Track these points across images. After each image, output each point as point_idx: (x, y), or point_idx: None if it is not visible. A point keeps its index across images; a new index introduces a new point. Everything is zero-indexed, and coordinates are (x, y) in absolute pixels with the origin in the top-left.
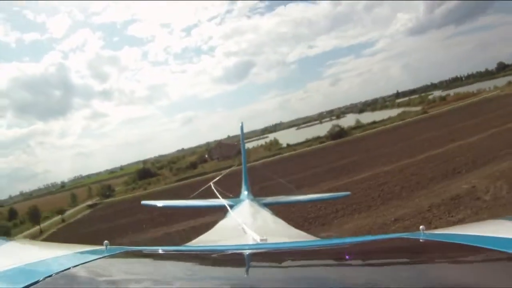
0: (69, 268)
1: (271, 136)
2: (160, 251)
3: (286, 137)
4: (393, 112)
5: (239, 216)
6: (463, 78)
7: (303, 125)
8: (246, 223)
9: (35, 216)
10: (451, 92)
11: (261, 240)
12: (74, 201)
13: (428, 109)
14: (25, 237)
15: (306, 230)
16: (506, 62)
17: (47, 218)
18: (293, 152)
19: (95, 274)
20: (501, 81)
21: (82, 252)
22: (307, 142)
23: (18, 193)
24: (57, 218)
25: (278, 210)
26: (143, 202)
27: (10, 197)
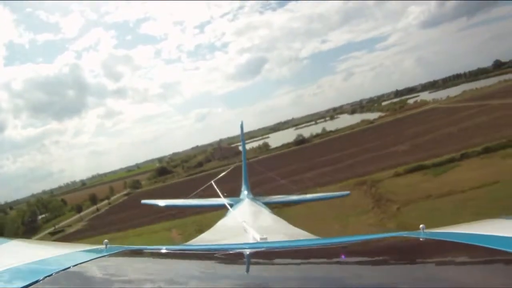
0: (69, 267)
1: (273, 136)
2: (160, 250)
3: (282, 139)
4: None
5: (239, 215)
6: (466, 75)
7: (301, 125)
8: (246, 222)
9: (93, 201)
10: (434, 95)
11: (261, 239)
12: (111, 192)
13: (381, 118)
14: (88, 212)
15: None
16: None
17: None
18: (265, 155)
19: (95, 273)
20: (488, 81)
21: (82, 251)
22: (282, 146)
23: (40, 191)
24: (105, 202)
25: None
26: (143, 201)
27: (33, 195)
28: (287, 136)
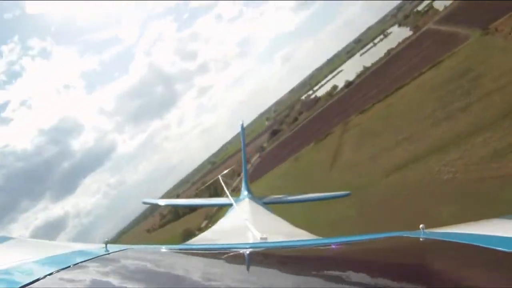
0: (69, 266)
1: (345, 67)
2: (160, 250)
3: (349, 72)
4: None
5: (239, 215)
6: None
7: (368, 46)
8: (247, 222)
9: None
10: None
11: (261, 238)
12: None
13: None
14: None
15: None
16: None
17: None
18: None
19: (95, 272)
20: None
21: (82, 251)
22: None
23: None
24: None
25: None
26: (143, 200)
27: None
28: (356, 65)
